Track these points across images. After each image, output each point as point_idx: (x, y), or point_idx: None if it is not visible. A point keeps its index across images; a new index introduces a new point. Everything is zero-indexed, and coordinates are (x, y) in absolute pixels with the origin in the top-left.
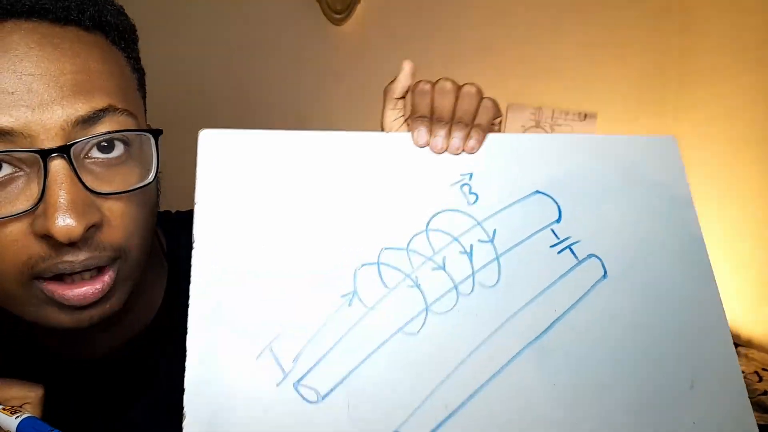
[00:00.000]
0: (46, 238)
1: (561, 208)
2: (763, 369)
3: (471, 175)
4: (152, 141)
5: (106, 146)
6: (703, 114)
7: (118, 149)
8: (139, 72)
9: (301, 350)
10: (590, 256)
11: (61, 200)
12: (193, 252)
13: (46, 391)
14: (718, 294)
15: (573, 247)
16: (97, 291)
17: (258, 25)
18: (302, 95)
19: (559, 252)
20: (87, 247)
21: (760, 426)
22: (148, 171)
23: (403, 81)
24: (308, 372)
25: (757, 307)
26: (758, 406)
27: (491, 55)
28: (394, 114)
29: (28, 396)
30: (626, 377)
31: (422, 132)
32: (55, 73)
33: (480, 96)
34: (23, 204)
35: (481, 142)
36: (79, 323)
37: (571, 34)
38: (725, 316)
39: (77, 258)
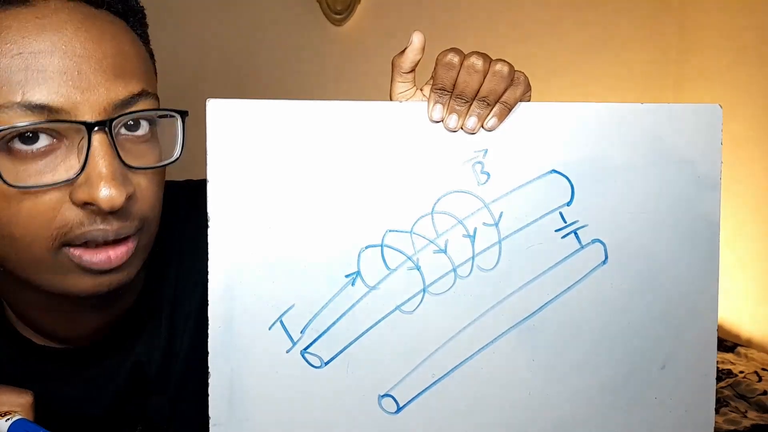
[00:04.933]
0: (86, 206)
1: (575, 189)
2: (763, 369)
3: (486, 151)
4: (179, 121)
5: (133, 124)
6: None
7: (143, 128)
8: (153, 58)
9: (307, 323)
10: (594, 241)
11: (105, 171)
12: (209, 230)
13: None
14: (716, 283)
15: (579, 231)
16: (121, 254)
17: (258, 25)
18: (302, 95)
19: (563, 237)
20: (120, 216)
21: (761, 426)
22: (171, 149)
23: (411, 56)
24: (314, 342)
25: (756, 307)
26: (758, 406)
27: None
28: (403, 86)
29: (18, 402)
30: (604, 358)
31: (438, 108)
32: (99, 56)
33: (511, 77)
34: (64, 173)
35: (502, 119)
36: (100, 288)
37: (570, 34)
38: (716, 306)
39: (111, 226)
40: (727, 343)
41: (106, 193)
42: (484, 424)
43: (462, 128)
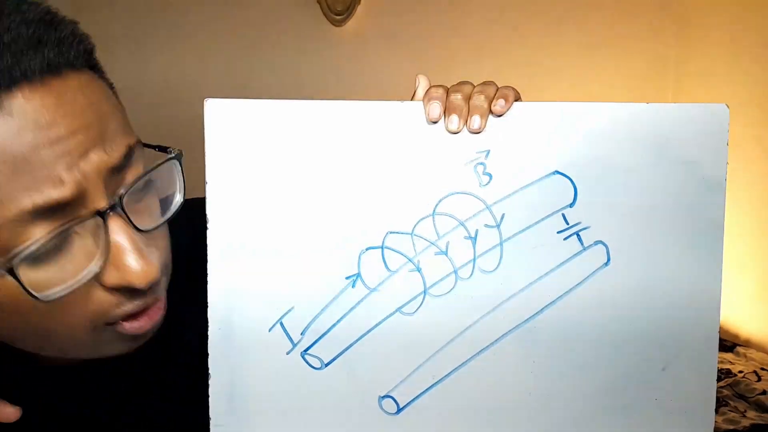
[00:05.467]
0: (120, 288)
1: (578, 190)
2: (762, 369)
3: (488, 152)
4: (178, 166)
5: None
6: None
7: (140, 182)
8: (113, 88)
9: (308, 325)
10: (597, 242)
11: (130, 252)
12: (208, 231)
13: (26, 403)
14: (719, 285)
15: (581, 233)
16: (159, 312)
17: (258, 26)
18: (302, 96)
19: (565, 238)
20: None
21: (760, 425)
22: (172, 191)
23: (421, 94)
24: (314, 343)
25: (755, 307)
26: (757, 406)
27: (490, 56)
28: None
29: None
30: (605, 360)
31: (435, 106)
32: (82, 127)
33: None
34: (86, 262)
35: (509, 103)
36: (137, 345)
37: (569, 34)
38: (719, 308)
39: (147, 296)
40: (726, 342)
41: (138, 272)
42: (485, 425)
43: (466, 126)
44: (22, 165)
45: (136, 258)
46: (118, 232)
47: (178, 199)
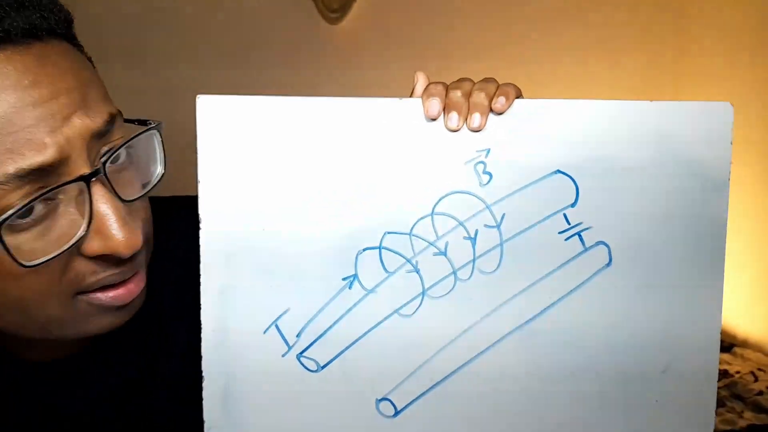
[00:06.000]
0: (102, 256)
1: (579, 190)
2: (759, 369)
3: (488, 151)
4: (157, 137)
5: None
6: None
7: (123, 155)
8: (91, 61)
9: (303, 327)
10: (598, 243)
11: (113, 218)
12: (201, 231)
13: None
14: (721, 286)
15: (583, 233)
16: (139, 284)
17: (253, 23)
18: (297, 93)
19: (566, 239)
20: (133, 255)
21: (757, 426)
22: (153, 164)
23: (419, 91)
24: (310, 346)
25: (753, 307)
26: (754, 406)
27: (487, 55)
28: None
29: None
30: (606, 361)
31: (434, 103)
32: (65, 89)
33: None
34: (69, 230)
35: (510, 101)
36: (118, 322)
37: (567, 35)
38: (720, 309)
39: (126, 267)
40: (724, 343)
41: (121, 239)
42: (484, 427)
43: (466, 124)
44: (5, 126)
45: (120, 226)
46: (101, 199)
47: (158, 170)
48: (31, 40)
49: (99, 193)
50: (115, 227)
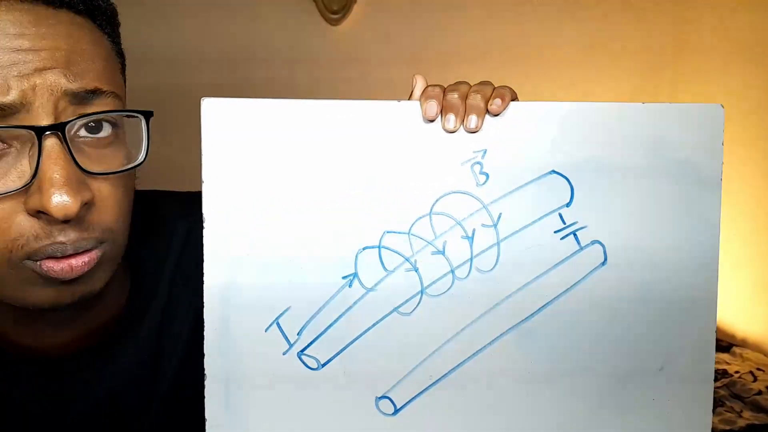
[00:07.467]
0: (39, 215)
1: (574, 190)
2: (758, 369)
3: (484, 152)
4: (143, 122)
5: (95, 126)
6: None
7: (106, 130)
8: (122, 57)
9: (304, 325)
10: (594, 242)
11: (57, 176)
12: (204, 230)
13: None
14: (716, 285)
15: (578, 233)
16: (83, 264)
17: (254, 24)
18: (298, 95)
19: (562, 238)
20: (78, 227)
21: (756, 426)
22: (137, 152)
23: (418, 94)
24: (310, 344)
25: (752, 307)
26: (753, 406)
27: (487, 56)
28: None
29: None
30: (602, 359)
31: (432, 105)
32: (49, 48)
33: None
34: (16, 181)
35: (505, 102)
36: (62, 299)
37: (566, 35)
38: (716, 307)
39: (68, 238)
40: (723, 342)
41: (58, 200)
42: (482, 425)
43: (463, 126)
44: None
45: (60, 185)
46: (52, 157)
47: (139, 158)
48: (42, 5)
49: (52, 150)
50: (56, 186)
